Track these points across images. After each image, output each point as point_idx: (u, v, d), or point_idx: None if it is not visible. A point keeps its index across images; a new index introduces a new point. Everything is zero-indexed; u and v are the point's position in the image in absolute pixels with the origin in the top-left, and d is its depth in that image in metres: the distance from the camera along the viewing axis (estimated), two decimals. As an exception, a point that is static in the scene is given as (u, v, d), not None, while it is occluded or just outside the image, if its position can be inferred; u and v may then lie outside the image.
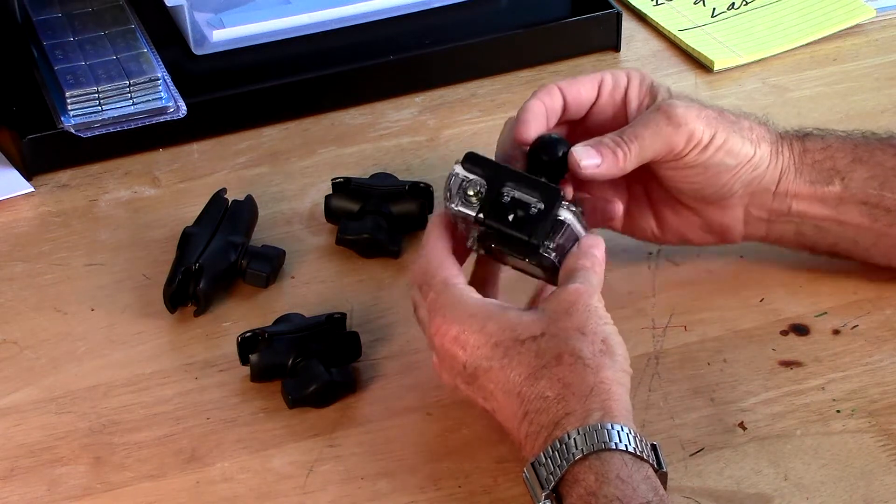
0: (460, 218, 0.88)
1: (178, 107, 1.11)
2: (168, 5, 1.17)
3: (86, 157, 1.12)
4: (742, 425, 0.89)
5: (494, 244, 0.88)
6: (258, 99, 1.16)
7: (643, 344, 0.94)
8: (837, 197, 0.95)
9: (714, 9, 1.29)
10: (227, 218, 1.02)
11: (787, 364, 0.94)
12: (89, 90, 1.09)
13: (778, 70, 1.22)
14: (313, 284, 1.01)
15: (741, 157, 0.93)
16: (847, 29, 1.26)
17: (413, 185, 1.05)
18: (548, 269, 0.87)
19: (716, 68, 1.22)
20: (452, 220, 0.89)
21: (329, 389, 0.91)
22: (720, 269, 1.01)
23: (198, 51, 1.19)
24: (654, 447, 0.79)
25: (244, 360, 0.93)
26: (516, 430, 0.82)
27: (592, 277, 0.85)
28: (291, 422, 0.90)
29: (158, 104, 1.11)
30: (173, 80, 1.13)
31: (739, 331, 0.96)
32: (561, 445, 0.77)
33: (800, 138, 0.96)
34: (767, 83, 1.20)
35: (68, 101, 1.09)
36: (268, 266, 1.00)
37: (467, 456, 0.88)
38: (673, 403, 0.91)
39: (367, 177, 1.07)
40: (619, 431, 0.77)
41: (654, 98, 0.94)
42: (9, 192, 1.09)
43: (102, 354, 0.96)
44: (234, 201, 1.03)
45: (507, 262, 0.90)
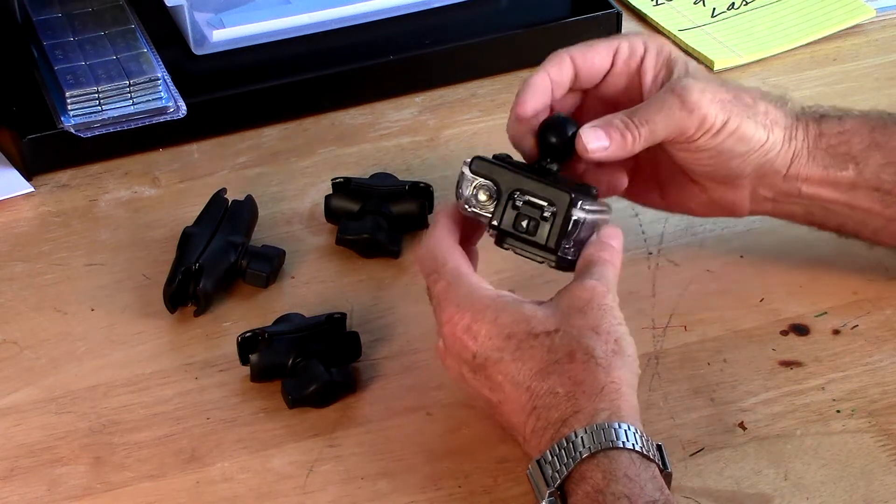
0: (473, 218, 0.89)
1: (178, 107, 1.11)
2: (168, 5, 1.17)
3: (86, 157, 1.12)
4: (742, 425, 0.89)
5: (509, 244, 0.88)
6: (258, 99, 1.16)
7: (643, 344, 0.94)
8: (850, 182, 0.93)
9: (714, 9, 1.29)
10: (227, 218, 1.02)
11: (787, 364, 0.94)
12: (89, 90, 1.09)
13: (778, 70, 1.22)
14: (313, 284, 1.01)
15: (753, 143, 0.91)
16: (847, 29, 1.26)
17: (413, 185, 1.05)
18: (565, 263, 0.88)
19: (716, 68, 1.22)
20: (462, 213, 0.89)
21: (329, 389, 0.91)
22: (720, 269, 1.01)
23: (198, 51, 1.19)
24: (660, 447, 0.79)
25: (244, 360, 0.93)
26: (522, 425, 0.81)
27: (609, 272, 0.85)
28: (291, 422, 0.90)
29: (158, 104, 1.11)
30: (173, 80, 1.13)
31: (739, 331, 0.96)
32: (567, 444, 0.77)
33: (816, 120, 0.94)
34: (767, 83, 1.20)
35: (68, 101, 1.09)
36: (268, 266, 1.00)
37: (467, 456, 0.88)
38: (673, 403, 0.91)
39: (367, 177, 1.07)
40: (627, 430, 0.77)
41: (671, 72, 0.92)
42: (9, 192, 1.09)
43: (102, 354, 0.96)
44: (234, 201, 1.03)
45: (522, 256, 0.89)
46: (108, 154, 1.13)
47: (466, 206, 0.88)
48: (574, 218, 0.86)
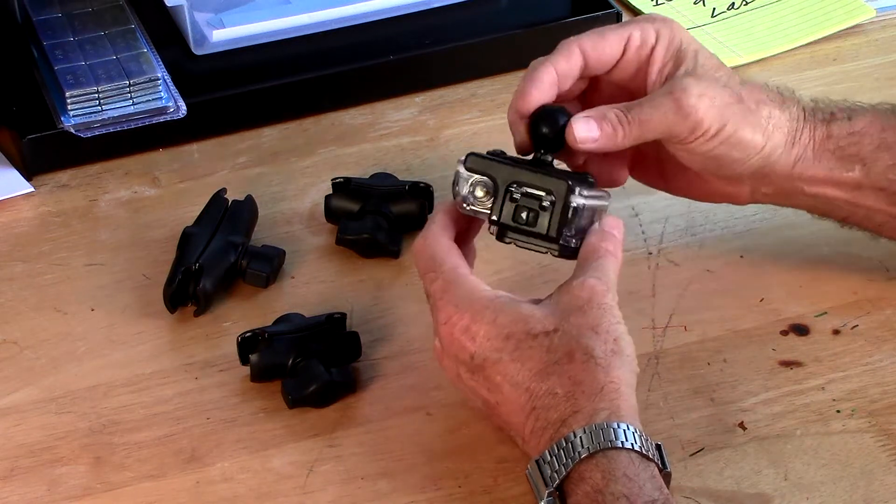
0: (472, 216, 0.88)
1: (178, 107, 1.11)
2: (168, 5, 1.17)
3: (86, 157, 1.12)
4: (742, 425, 0.89)
5: (511, 238, 0.88)
6: (258, 99, 1.16)
7: (643, 344, 0.94)
8: (856, 183, 0.93)
9: (714, 9, 1.29)
10: (227, 218, 1.02)
11: (787, 364, 0.94)
12: (89, 90, 1.09)
13: (778, 70, 1.22)
14: (313, 284, 1.01)
15: (749, 150, 0.91)
16: (847, 29, 1.26)
17: (413, 185, 1.05)
18: (568, 252, 0.87)
19: (716, 68, 1.22)
20: (460, 212, 0.89)
21: (329, 389, 0.91)
22: (720, 269, 1.01)
23: (198, 51, 1.19)
24: (659, 447, 0.79)
25: (244, 360, 0.93)
26: (521, 425, 0.81)
27: (610, 266, 0.85)
28: (291, 422, 0.90)
29: (158, 104, 1.11)
30: (173, 80, 1.13)
31: (739, 331, 0.96)
32: (567, 444, 0.77)
33: (825, 122, 0.93)
34: (767, 83, 1.20)
35: (68, 101, 1.09)
36: (268, 266, 1.00)
37: (467, 456, 0.88)
38: (673, 403, 0.91)
39: (367, 177, 1.07)
40: (626, 430, 0.77)
41: (679, 66, 0.90)
42: (9, 192, 1.09)
43: (102, 354, 0.96)
44: (234, 201, 1.03)
45: (525, 248, 0.89)
46: (108, 154, 1.13)
47: (465, 205, 0.88)
48: (573, 205, 0.86)
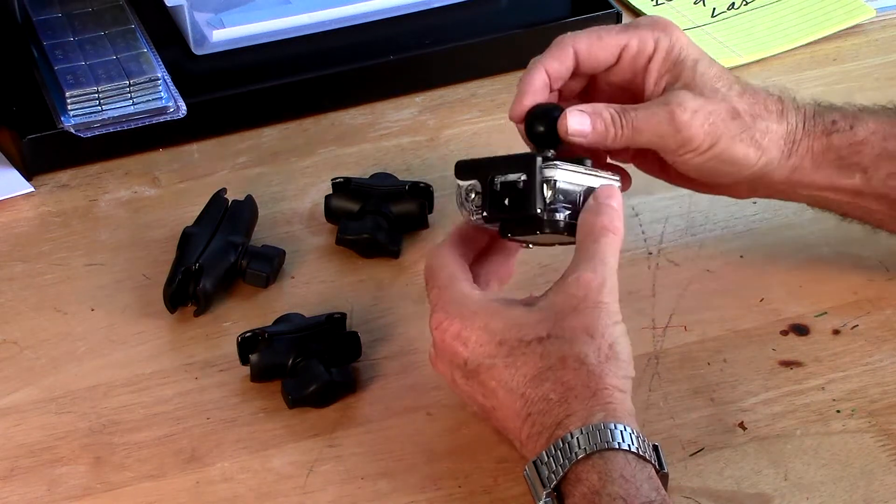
0: (482, 226, 0.88)
1: (178, 107, 1.11)
2: (168, 5, 1.17)
3: (86, 157, 1.12)
4: (742, 425, 0.89)
5: (514, 235, 0.87)
6: (258, 99, 1.16)
7: (643, 344, 0.94)
8: (855, 189, 0.93)
9: (714, 9, 1.29)
10: (227, 218, 1.02)
11: (787, 364, 0.94)
12: (89, 90, 1.09)
13: (778, 70, 1.22)
14: (313, 284, 1.01)
15: (741, 166, 0.91)
16: (847, 29, 1.26)
17: (413, 185, 1.05)
18: (569, 230, 0.86)
19: (716, 68, 1.22)
20: (471, 228, 0.88)
21: (329, 389, 0.91)
22: (720, 269, 1.01)
23: (198, 51, 1.19)
24: (656, 448, 0.79)
25: (244, 360, 0.93)
26: (518, 430, 0.81)
27: (607, 251, 0.83)
28: (291, 422, 0.90)
29: (158, 104, 1.11)
30: (173, 80, 1.13)
31: (739, 331, 0.96)
32: (563, 445, 0.77)
33: (826, 132, 0.92)
34: (767, 83, 1.19)
35: (68, 101, 1.09)
36: (268, 266, 1.00)
37: (467, 456, 0.88)
38: (673, 403, 0.91)
39: (367, 177, 1.07)
40: (622, 431, 0.77)
41: (677, 78, 0.90)
42: (9, 192, 1.09)
43: (102, 354, 0.96)
44: (234, 201, 1.03)
45: (540, 244, 0.88)
46: (108, 154, 1.13)
47: (471, 217, 0.88)
48: (545, 175, 0.85)
